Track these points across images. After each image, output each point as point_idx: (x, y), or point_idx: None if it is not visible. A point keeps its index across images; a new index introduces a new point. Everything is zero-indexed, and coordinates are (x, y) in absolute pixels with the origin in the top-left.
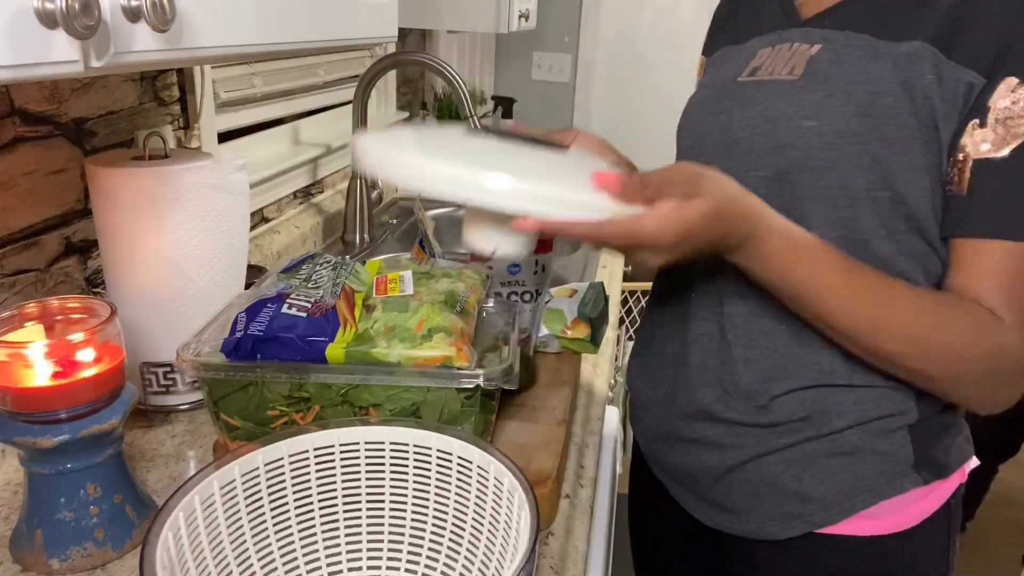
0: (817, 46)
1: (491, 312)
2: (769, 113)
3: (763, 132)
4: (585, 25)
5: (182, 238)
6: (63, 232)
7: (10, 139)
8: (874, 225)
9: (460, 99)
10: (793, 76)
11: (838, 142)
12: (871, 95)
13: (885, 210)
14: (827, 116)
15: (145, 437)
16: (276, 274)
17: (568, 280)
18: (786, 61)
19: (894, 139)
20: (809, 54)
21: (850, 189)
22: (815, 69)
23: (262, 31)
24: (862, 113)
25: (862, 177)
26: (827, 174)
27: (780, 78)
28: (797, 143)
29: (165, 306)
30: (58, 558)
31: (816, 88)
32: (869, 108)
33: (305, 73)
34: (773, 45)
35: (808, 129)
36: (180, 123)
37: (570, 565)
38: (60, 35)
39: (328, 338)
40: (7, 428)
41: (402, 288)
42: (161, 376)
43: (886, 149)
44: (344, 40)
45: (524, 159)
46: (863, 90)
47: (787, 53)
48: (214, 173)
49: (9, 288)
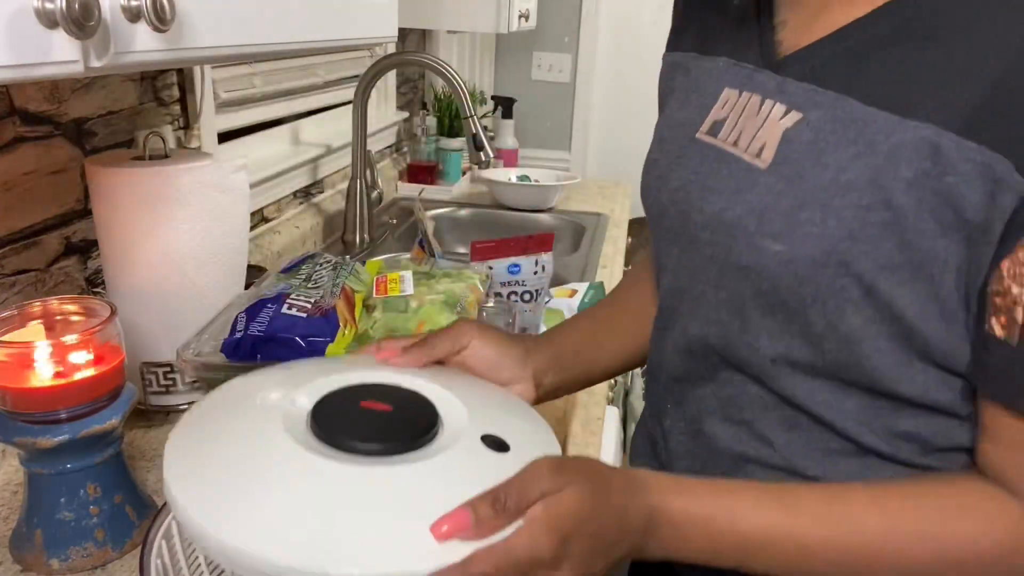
0: (794, 115)
1: (491, 312)
2: (728, 218)
3: (722, 243)
4: (585, 25)
5: (182, 238)
6: (63, 232)
7: (10, 139)
8: (885, 365)
9: (460, 99)
10: (760, 161)
11: (814, 273)
12: (860, 209)
13: (894, 346)
14: (798, 239)
15: (145, 437)
16: (276, 274)
17: (568, 280)
18: (754, 130)
19: (897, 265)
20: (783, 127)
21: (839, 329)
22: (788, 156)
23: (262, 31)
24: (847, 233)
25: (854, 314)
26: (805, 311)
27: (744, 157)
28: (760, 270)
29: (165, 306)
30: (58, 558)
31: (786, 190)
32: (857, 226)
33: (305, 73)
34: (741, 90)
35: (773, 255)
36: (180, 123)
37: None
38: (60, 35)
39: (328, 338)
40: (7, 428)
41: (402, 288)
42: (161, 376)
43: (885, 279)
44: (344, 40)
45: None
46: (848, 200)
47: (756, 115)
48: (214, 173)
49: (9, 288)
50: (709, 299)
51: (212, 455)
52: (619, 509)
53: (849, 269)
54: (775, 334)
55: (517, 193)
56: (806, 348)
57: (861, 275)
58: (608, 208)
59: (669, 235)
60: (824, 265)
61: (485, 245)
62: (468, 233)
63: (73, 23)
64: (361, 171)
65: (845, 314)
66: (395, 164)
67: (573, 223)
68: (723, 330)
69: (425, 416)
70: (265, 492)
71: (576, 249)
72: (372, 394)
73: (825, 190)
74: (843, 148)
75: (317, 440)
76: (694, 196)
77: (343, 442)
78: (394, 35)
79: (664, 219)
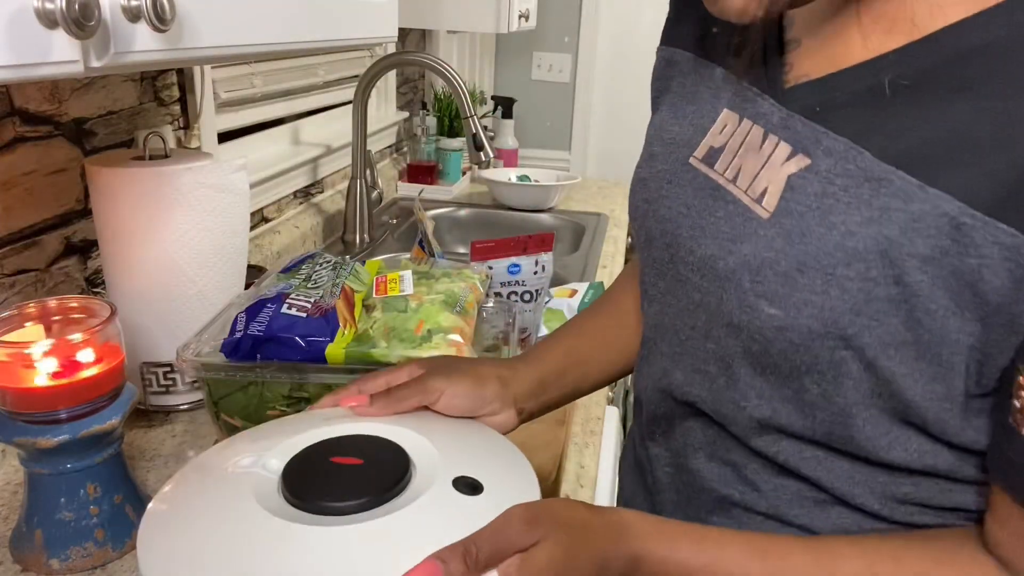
0: (802, 159)
1: (491, 312)
2: (720, 268)
3: (712, 293)
4: (585, 25)
5: (182, 238)
6: (63, 232)
7: (10, 139)
8: (879, 439)
9: (460, 99)
10: (761, 209)
11: (810, 344)
12: (866, 281)
13: (891, 421)
14: (795, 306)
15: (145, 437)
16: (276, 274)
17: (568, 280)
18: (755, 168)
19: (903, 343)
20: (787, 172)
21: (834, 401)
22: (792, 207)
23: (262, 31)
24: (849, 308)
25: (851, 388)
26: (799, 378)
27: (743, 200)
28: (754, 332)
29: (165, 306)
30: (58, 558)
31: (786, 249)
32: (862, 303)
33: (305, 73)
34: (741, 116)
35: (768, 318)
36: (180, 123)
37: None
38: (60, 35)
39: (328, 338)
40: (7, 428)
41: (402, 288)
42: (161, 376)
43: (888, 357)
44: (344, 40)
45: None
46: (855, 270)
47: (757, 151)
48: (214, 173)
49: (9, 288)
50: (696, 347)
51: (185, 537)
52: (598, 557)
53: (850, 343)
54: (764, 396)
55: (517, 193)
56: (796, 415)
57: (863, 350)
58: (608, 208)
59: (656, 265)
60: (823, 336)
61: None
62: (468, 233)
63: (73, 23)
64: (361, 171)
65: (842, 387)
66: (395, 164)
67: (573, 223)
68: (709, 383)
69: (396, 465)
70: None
71: (576, 249)
72: (342, 448)
73: (830, 255)
74: (853, 209)
75: (289, 506)
76: (684, 233)
77: (314, 505)
78: (394, 35)
79: (652, 247)
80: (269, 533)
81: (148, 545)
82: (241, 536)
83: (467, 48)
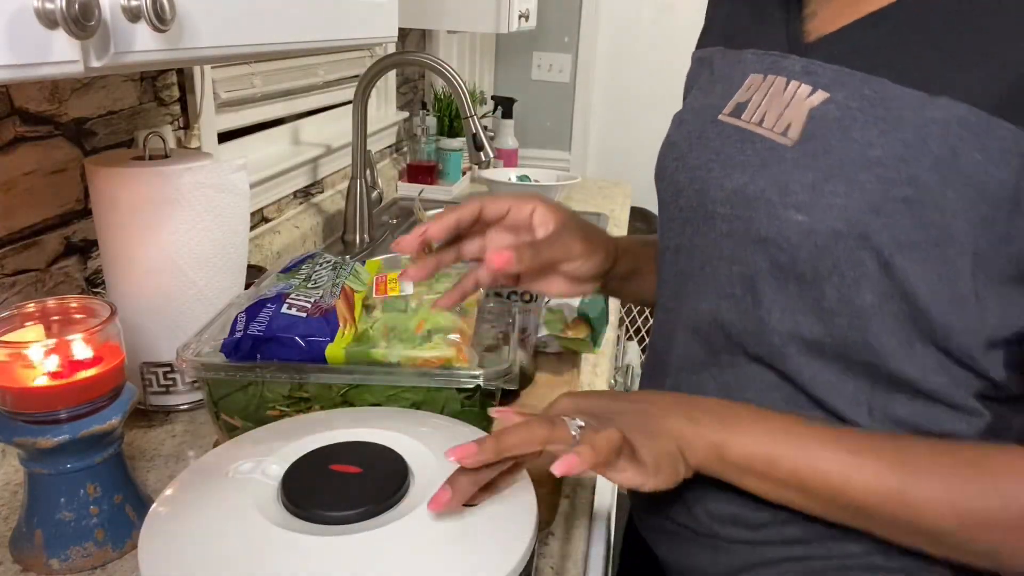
0: (821, 94)
1: (491, 312)
2: (750, 191)
3: (741, 216)
4: (585, 25)
5: (182, 238)
6: (63, 232)
7: (10, 139)
8: (890, 345)
9: (460, 99)
10: (787, 139)
11: (834, 245)
12: (884, 183)
13: (901, 325)
14: (821, 210)
15: (145, 437)
16: (276, 274)
17: None
18: (780, 109)
19: (915, 243)
20: (809, 106)
21: (852, 304)
22: (815, 132)
23: (262, 31)
24: (869, 207)
25: (868, 290)
26: (820, 283)
27: (769, 136)
28: (781, 241)
29: (165, 306)
30: (58, 558)
31: (812, 164)
32: (880, 200)
33: (305, 73)
34: (766, 73)
35: (795, 225)
36: (180, 123)
37: (570, 565)
38: (60, 35)
39: (328, 338)
40: (7, 428)
41: (402, 288)
42: (161, 376)
43: (902, 256)
44: (344, 40)
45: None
46: (874, 173)
47: (781, 95)
48: (214, 173)
49: (9, 288)
50: (721, 274)
51: (186, 545)
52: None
53: (868, 242)
54: (787, 309)
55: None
56: (816, 324)
57: (880, 249)
58: (608, 208)
59: (683, 215)
60: (845, 236)
61: None
62: None
63: (73, 23)
64: (361, 171)
65: (860, 288)
66: (395, 164)
67: None
68: (735, 304)
69: (395, 474)
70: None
71: None
72: (341, 455)
73: (852, 163)
74: (871, 125)
75: (288, 514)
76: (714, 175)
77: (313, 513)
78: (394, 35)
79: (680, 198)
80: (268, 542)
81: (149, 551)
82: (241, 546)
83: (467, 48)
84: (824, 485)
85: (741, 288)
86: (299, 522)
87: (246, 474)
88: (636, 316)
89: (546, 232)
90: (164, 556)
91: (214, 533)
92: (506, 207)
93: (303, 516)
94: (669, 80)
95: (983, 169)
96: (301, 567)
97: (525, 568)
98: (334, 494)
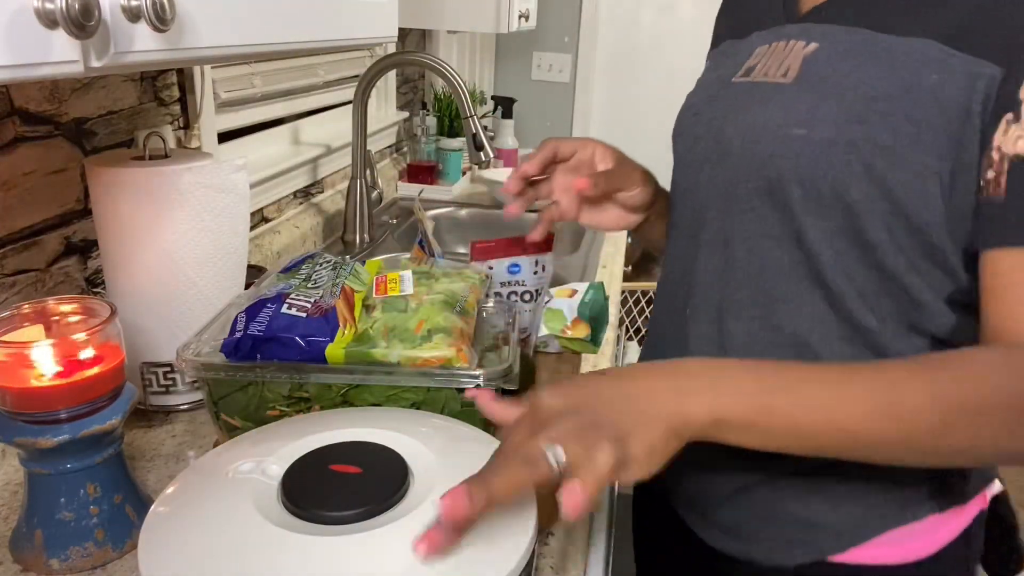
0: (814, 44)
1: (491, 312)
2: (760, 120)
3: (753, 141)
4: (585, 25)
5: (182, 238)
6: (63, 232)
7: (10, 139)
8: (880, 237)
9: (460, 99)
10: (786, 79)
11: (828, 151)
12: (865, 99)
13: (887, 222)
14: (816, 123)
15: (145, 437)
16: (276, 274)
17: (568, 280)
18: (781, 61)
19: (890, 147)
20: (804, 53)
21: (844, 200)
22: (809, 71)
23: (262, 31)
24: (854, 119)
25: (855, 188)
26: (818, 184)
27: (773, 81)
28: (786, 152)
29: (165, 306)
30: (58, 558)
31: (808, 92)
32: (863, 113)
33: (305, 73)
34: (770, 43)
35: (797, 138)
36: (180, 123)
37: (570, 565)
38: (60, 35)
39: (328, 338)
40: (7, 428)
41: (402, 288)
42: (161, 376)
43: (881, 158)
44: (344, 40)
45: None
46: (856, 93)
47: (783, 52)
48: (214, 173)
49: (9, 288)
50: (740, 193)
51: (186, 545)
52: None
53: (855, 147)
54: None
55: None
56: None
57: (863, 154)
58: None
59: (699, 158)
60: (836, 143)
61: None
62: (468, 233)
63: (73, 23)
64: (361, 171)
65: (849, 187)
66: (395, 164)
67: (573, 223)
68: (755, 215)
69: (394, 474)
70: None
71: (576, 249)
72: (341, 455)
73: (840, 88)
74: (853, 59)
75: (288, 514)
76: (730, 120)
77: (313, 513)
78: (394, 35)
79: (697, 145)
80: (268, 542)
81: (149, 551)
82: (241, 545)
83: (467, 48)
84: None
85: (759, 199)
86: (299, 522)
87: (246, 474)
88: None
89: (607, 167)
90: (164, 556)
91: (214, 533)
92: (573, 148)
93: (303, 516)
94: (670, 80)
95: (941, 87)
96: (301, 567)
97: (525, 568)
98: (334, 494)
